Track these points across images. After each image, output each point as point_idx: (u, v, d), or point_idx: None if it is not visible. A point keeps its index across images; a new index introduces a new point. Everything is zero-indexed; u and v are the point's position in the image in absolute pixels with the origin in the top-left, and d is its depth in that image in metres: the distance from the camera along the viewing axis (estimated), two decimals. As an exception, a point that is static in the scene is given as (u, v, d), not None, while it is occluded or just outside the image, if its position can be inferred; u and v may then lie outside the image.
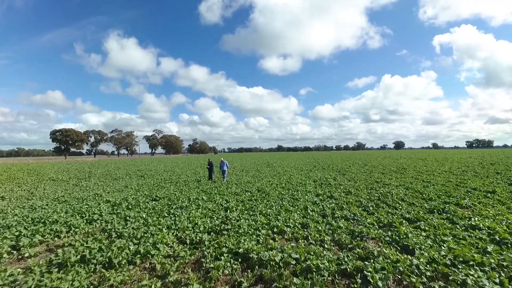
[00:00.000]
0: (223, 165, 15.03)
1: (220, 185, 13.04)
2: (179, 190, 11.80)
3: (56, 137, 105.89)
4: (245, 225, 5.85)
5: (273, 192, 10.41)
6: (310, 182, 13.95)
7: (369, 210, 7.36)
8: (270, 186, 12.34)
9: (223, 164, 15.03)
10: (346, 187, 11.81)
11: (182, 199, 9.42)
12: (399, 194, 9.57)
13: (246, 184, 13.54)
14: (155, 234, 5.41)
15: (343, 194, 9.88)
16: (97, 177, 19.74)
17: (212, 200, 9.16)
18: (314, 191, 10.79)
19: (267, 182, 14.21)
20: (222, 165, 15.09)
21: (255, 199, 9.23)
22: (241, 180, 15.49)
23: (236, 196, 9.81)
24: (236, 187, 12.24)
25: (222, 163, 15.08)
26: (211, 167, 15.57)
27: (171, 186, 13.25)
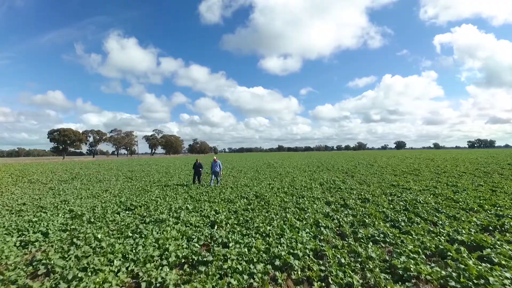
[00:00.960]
0: (215, 165, 12.86)
1: (213, 189, 11.26)
2: (164, 195, 10.04)
3: (54, 137, 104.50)
4: (234, 254, 4.08)
5: (274, 199, 8.62)
6: (316, 185, 12.16)
7: (400, 226, 5.57)
8: (271, 191, 10.57)
9: (215, 165, 12.86)
10: (359, 192, 10.02)
11: (162, 208, 7.65)
12: (428, 202, 7.78)
13: (243, 188, 11.77)
14: (99, 270, 3.64)
15: (359, 202, 8.09)
16: (82, 179, 18.02)
17: (198, 210, 7.38)
18: (322, 197, 9.01)
19: (267, 185, 12.43)
20: (214, 165, 12.92)
21: (251, 208, 7.46)
22: (237, 182, 13.72)
23: (229, 205, 8.04)
24: (231, 192, 10.47)
25: (214, 163, 12.91)
26: (198, 169, 13.50)
27: (157, 190, 11.50)
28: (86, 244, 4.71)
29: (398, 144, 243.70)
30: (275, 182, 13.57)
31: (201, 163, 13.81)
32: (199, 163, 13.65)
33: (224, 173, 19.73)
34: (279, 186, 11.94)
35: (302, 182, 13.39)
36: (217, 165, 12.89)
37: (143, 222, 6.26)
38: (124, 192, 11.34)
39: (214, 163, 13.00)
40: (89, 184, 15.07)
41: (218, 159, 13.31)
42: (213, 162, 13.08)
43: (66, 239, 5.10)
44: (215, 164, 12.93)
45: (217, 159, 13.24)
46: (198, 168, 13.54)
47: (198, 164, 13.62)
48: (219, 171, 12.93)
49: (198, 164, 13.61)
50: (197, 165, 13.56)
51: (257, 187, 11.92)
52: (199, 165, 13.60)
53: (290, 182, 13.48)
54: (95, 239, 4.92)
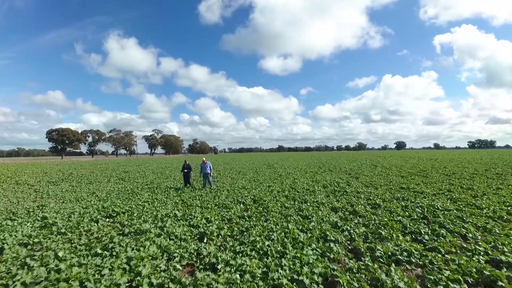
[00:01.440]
0: (205, 167, 11.71)
1: (207, 193, 10.37)
2: (153, 199, 9.15)
3: (52, 137, 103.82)
4: (222, 283, 3.19)
5: (274, 205, 7.72)
6: (319, 188, 11.27)
7: (424, 240, 4.68)
8: (270, 194, 9.67)
9: (205, 166, 11.72)
10: (367, 196, 9.13)
11: (147, 215, 6.76)
12: (448, 208, 6.88)
13: (240, 190, 10.88)
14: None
15: (369, 208, 7.19)
16: (73, 180, 17.13)
17: (188, 217, 6.48)
18: (327, 202, 8.11)
19: (267, 188, 11.54)
20: (203, 167, 11.75)
21: (248, 216, 6.57)
22: (235, 184, 12.83)
23: (223, 211, 7.14)
24: (226, 195, 9.58)
25: (204, 165, 11.74)
26: (188, 171, 12.30)
27: (147, 194, 10.61)
28: (42, 265, 3.82)
29: (398, 144, 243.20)
30: (275, 184, 12.68)
31: (190, 164, 12.56)
32: (187, 164, 12.38)
33: (222, 174, 18.83)
34: (279, 189, 11.05)
35: (304, 184, 12.49)
36: (207, 166, 11.76)
37: (120, 234, 5.36)
38: (111, 195, 10.45)
39: (203, 164, 11.84)
40: (78, 186, 14.18)
41: (207, 160, 12.17)
42: (202, 164, 11.89)
43: (22, 256, 4.21)
44: (204, 166, 11.79)
45: (207, 160, 12.10)
46: (186, 170, 12.31)
47: (187, 166, 12.34)
48: (210, 173, 11.79)
49: (186, 166, 12.33)
50: (186, 167, 12.31)
51: (255, 190, 11.03)
52: (188, 167, 12.32)
53: (291, 184, 12.58)
54: (55, 257, 4.03)
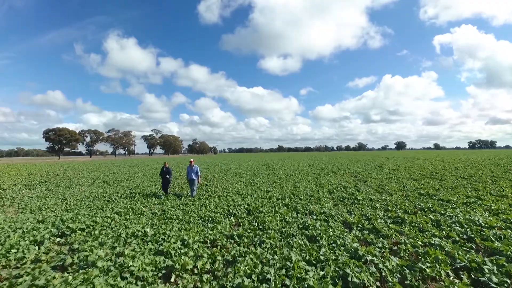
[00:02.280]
0: (192, 171, 9.75)
1: (193, 201, 8.89)
2: (127, 210, 7.66)
3: (49, 137, 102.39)
4: None
5: (272, 219, 6.24)
6: (325, 194, 9.79)
7: (491, 285, 3.20)
8: (268, 203, 8.19)
9: (192, 171, 9.76)
10: (384, 205, 7.65)
11: (108, 236, 5.26)
12: (491, 225, 5.40)
13: (233, 197, 9.40)
14: None
15: (391, 224, 5.71)
16: (52, 183, 15.65)
17: (160, 238, 5.00)
18: (337, 213, 6.64)
19: (264, 193, 10.06)
20: (190, 171, 9.79)
21: (238, 235, 5.09)
22: (229, 189, 11.34)
23: (207, 227, 5.67)
24: (216, 204, 8.11)
25: (191, 169, 9.80)
26: (167, 175, 10.22)
27: (125, 200, 9.14)
28: None
29: (398, 144, 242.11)
30: (275, 189, 11.20)
31: (170, 168, 10.53)
32: (167, 168, 10.33)
33: (217, 176, 17.35)
34: (278, 195, 9.57)
35: (306, 189, 11.01)
36: (194, 170, 9.78)
37: (59, 266, 3.89)
38: (83, 203, 8.95)
39: (190, 168, 9.86)
40: (54, 190, 12.70)
41: (195, 163, 10.06)
42: (188, 167, 9.90)
43: None
44: (191, 170, 9.78)
45: (194, 163, 9.99)
46: (165, 175, 10.26)
47: (166, 169, 10.31)
48: (197, 179, 9.87)
49: (165, 169, 10.31)
50: (164, 171, 10.28)
51: (251, 196, 9.55)
52: (167, 171, 10.28)
53: (292, 189, 11.10)
54: None
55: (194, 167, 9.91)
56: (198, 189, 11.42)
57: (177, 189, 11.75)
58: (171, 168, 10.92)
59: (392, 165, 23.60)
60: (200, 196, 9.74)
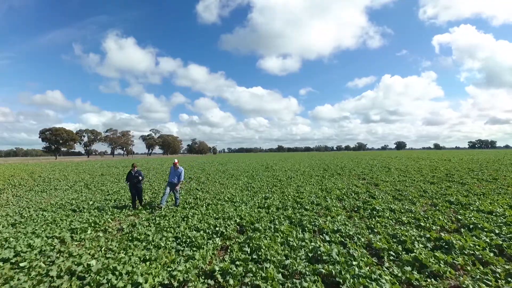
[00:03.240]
0: (175, 174, 8.02)
1: (174, 213, 7.30)
2: (89, 223, 6.07)
3: (46, 137, 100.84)
4: None
5: (271, 241, 4.66)
6: (334, 202, 8.21)
7: None
8: (267, 215, 6.62)
9: (175, 173, 8.03)
10: (411, 218, 6.08)
11: (39, 266, 3.71)
12: None
13: (225, 206, 7.83)
14: None
15: (439, 254, 4.14)
16: (27, 186, 14.07)
17: (104, 275, 3.42)
18: (357, 233, 5.05)
19: (262, 201, 8.49)
20: (172, 173, 8.05)
21: (222, 271, 3.52)
22: (222, 195, 9.77)
23: (180, 257, 4.10)
24: (201, 217, 6.53)
25: (174, 171, 8.07)
26: (138, 181, 7.88)
27: (93, 211, 7.56)
28: None
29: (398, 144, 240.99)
30: (274, 195, 9.63)
31: (140, 171, 8.21)
32: (136, 171, 8.02)
33: (211, 178, 15.74)
34: (279, 203, 8.00)
35: (311, 195, 9.44)
36: (177, 173, 8.07)
37: None
38: (37, 216, 7.35)
39: (173, 168, 8.12)
40: (23, 195, 11.11)
41: (179, 165, 8.30)
42: (172, 168, 8.17)
43: None
44: (174, 172, 8.07)
45: (179, 164, 8.24)
46: (133, 179, 7.88)
47: (135, 173, 7.96)
48: (179, 183, 8.06)
49: (134, 173, 7.94)
50: (133, 176, 7.94)
51: (246, 205, 7.97)
52: (137, 175, 7.95)
53: (295, 195, 9.52)
54: None
55: (179, 168, 8.17)
56: (184, 195, 9.84)
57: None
58: (141, 171, 8.47)
59: (399, 166, 22.04)
60: (185, 205, 8.15)
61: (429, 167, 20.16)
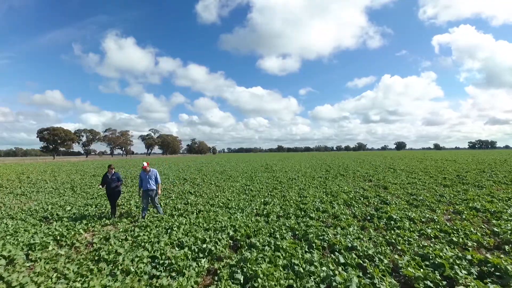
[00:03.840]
0: (147, 178, 6.46)
1: (158, 223, 6.33)
2: (54, 236, 5.11)
3: (44, 136, 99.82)
4: None
5: (270, 265, 3.71)
6: (342, 208, 7.25)
7: None
8: (266, 226, 5.67)
9: (147, 178, 6.45)
10: (437, 230, 5.14)
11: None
12: None
13: (218, 212, 6.88)
14: None
15: (496, 287, 3.19)
16: (9, 189, 13.09)
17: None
18: (376, 252, 4.09)
19: (261, 207, 7.53)
20: (143, 178, 6.48)
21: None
22: (215, 199, 8.80)
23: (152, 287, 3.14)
24: (189, 227, 5.58)
25: (144, 175, 6.49)
26: (115, 185, 6.72)
27: (66, 220, 6.59)
28: None
29: (398, 144, 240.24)
30: (274, 199, 8.67)
31: (118, 173, 7.03)
32: (114, 173, 6.83)
33: (206, 180, 14.76)
34: (279, 210, 7.04)
35: (316, 199, 8.48)
36: (150, 177, 6.48)
37: None
38: (1, 226, 6.38)
39: (143, 174, 6.51)
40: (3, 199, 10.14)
41: (150, 166, 6.61)
42: (142, 173, 6.54)
43: None
44: (145, 176, 6.46)
45: (149, 166, 6.56)
46: (110, 184, 6.69)
47: (112, 176, 6.74)
48: (155, 188, 6.54)
49: (111, 176, 6.73)
50: (109, 179, 6.71)
51: (242, 212, 7.01)
52: (114, 178, 6.76)
53: (298, 199, 8.55)
54: None
55: (152, 171, 6.59)
56: (175, 200, 8.85)
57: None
58: (119, 173, 7.04)
59: (404, 167, 21.09)
60: (172, 211, 7.18)
61: (436, 168, 19.22)
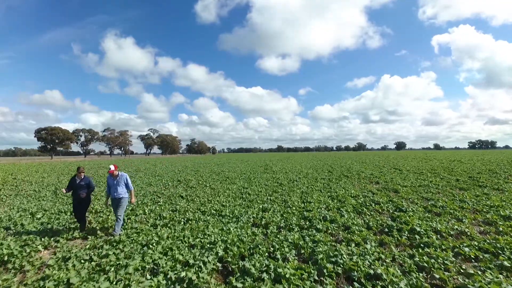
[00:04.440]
0: (115, 185, 5.33)
1: (135, 237, 5.35)
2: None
3: (41, 136, 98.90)
4: None
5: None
6: (352, 216, 6.27)
7: None
8: (264, 242, 4.70)
9: (115, 183, 5.34)
10: (473, 246, 4.17)
11: None
12: None
13: (209, 221, 5.91)
14: None
15: None
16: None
17: None
18: (410, 284, 3.13)
19: (258, 214, 6.55)
20: (112, 184, 5.36)
21: None
22: (207, 205, 7.82)
23: None
24: (173, 239, 4.61)
25: (112, 180, 5.39)
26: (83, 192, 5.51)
27: (23, 234, 5.61)
28: None
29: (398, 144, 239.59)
30: (274, 205, 7.69)
31: (89, 178, 5.77)
32: (83, 178, 5.60)
33: (202, 182, 13.76)
34: (280, 220, 6.06)
35: (321, 205, 7.50)
36: (119, 183, 5.34)
37: None
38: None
39: (110, 179, 5.40)
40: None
41: (119, 170, 5.50)
42: (109, 178, 5.45)
43: None
44: (112, 182, 5.35)
45: (117, 170, 5.43)
46: (78, 190, 5.49)
47: (81, 182, 5.55)
48: (126, 197, 5.40)
49: (80, 181, 5.54)
50: (77, 184, 5.51)
51: (237, 221, 6.03)
52: (83, 184, 5.54)
53: (301, 206, 7.57)
54: None
55: (120, 176, 5.37)
56: (163, 205, 7.84)
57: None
58: (91, 178, 5.79)
59: (410, 168, 20.11)
60: (156, 220, 6.19)
61: (443, 169, 18.26)
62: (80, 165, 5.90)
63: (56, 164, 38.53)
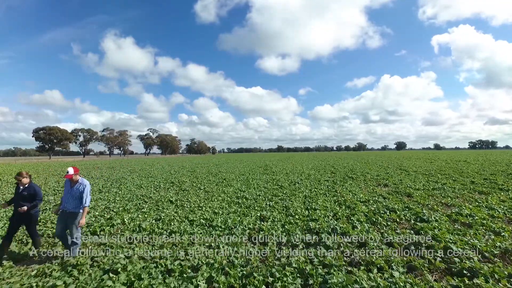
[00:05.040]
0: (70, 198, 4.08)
1: (95, 259, 4.34)
2: None
3: (39, 136, 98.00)
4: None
5: None
6: (367, 228, 5.29)
7: None
8: (262, 265, 3.72)
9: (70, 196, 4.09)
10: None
11: None
12: None
13: (196, 235, 4.93)
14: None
15: None
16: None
17: None
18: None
19: (255, 224, 5.57)
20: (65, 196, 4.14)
21: None
22: (197, 212, 6.84)
23: None
24: (146, 263, 3.64)
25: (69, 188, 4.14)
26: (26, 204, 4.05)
27: None
28: None
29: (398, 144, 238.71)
30: (274, 212, 6.70)
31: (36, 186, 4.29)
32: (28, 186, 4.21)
33: (196, 184, 12.74)
34: (282, 233, 5.07)
35: (328, 213, 6.51)
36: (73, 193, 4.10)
37: None
38: None
39: (67, 184, 4.23)
40: None
41: (79, 175, 4.31)
42: (66, 183, 4.26)
43: None
44: (67, 189, 4.17)
45: (78, 175, 4.23)
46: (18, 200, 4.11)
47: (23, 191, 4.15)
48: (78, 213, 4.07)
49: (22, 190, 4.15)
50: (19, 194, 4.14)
51: (230, 234, 5.04)
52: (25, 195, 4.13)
53: (304, 214, 6.58)
54: None
55: (81, 183, 4.20)
56: (147, 212, 6.82)
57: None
58: (38, 187, 4.34)
59: (416, 168, 19.12)
60: (134, 233, 5.18)
61: (452, 170, 17.26)
62: (21, 170, 4.37)
63: (51, 164, 37.56)
